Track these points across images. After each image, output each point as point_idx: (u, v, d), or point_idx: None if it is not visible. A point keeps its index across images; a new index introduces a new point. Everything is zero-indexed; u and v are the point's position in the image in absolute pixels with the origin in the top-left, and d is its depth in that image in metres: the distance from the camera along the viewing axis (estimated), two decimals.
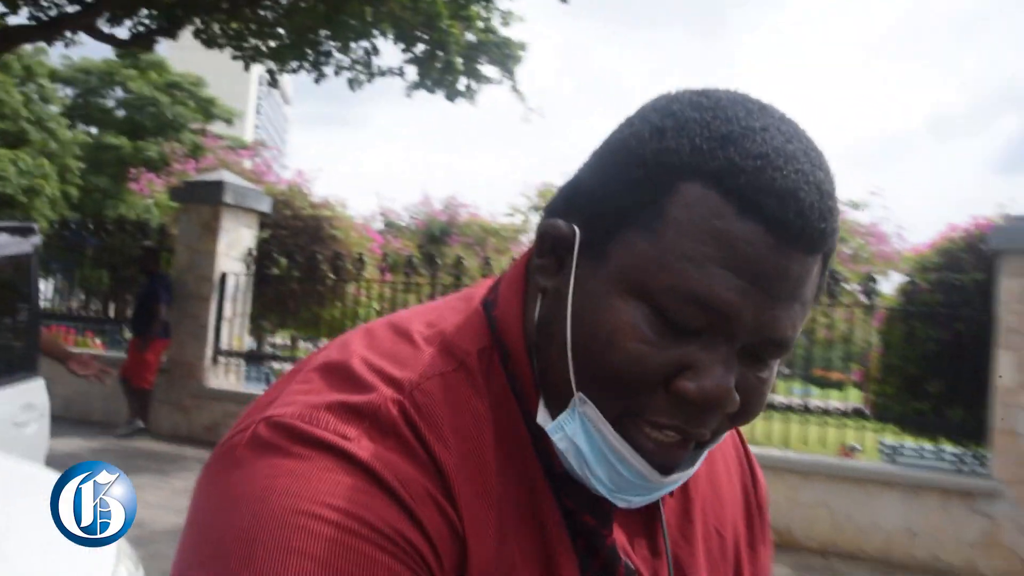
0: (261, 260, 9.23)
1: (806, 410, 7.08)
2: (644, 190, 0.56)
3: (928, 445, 7.27)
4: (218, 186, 8.61)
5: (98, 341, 11.43)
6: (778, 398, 7.71)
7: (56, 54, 31.47)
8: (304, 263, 9.46)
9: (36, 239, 3.98)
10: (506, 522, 0.58)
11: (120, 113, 30.23)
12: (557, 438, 0.59)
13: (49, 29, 9.01)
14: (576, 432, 0.58)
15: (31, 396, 3.58)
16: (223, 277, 8.64)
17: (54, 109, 27.53)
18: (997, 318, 6.30)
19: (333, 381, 0.58)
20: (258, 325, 10.50)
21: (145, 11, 9.20)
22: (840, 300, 7.53)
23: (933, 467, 6.92)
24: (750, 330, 0.55)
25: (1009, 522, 6.05)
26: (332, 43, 9.60)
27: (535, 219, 14.69)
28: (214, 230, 8.58)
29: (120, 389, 8.15)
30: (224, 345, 8.70)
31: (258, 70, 10.62)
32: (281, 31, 9.54)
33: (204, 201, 8.72)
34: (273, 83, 11.05)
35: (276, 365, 10.23)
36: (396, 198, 36.88)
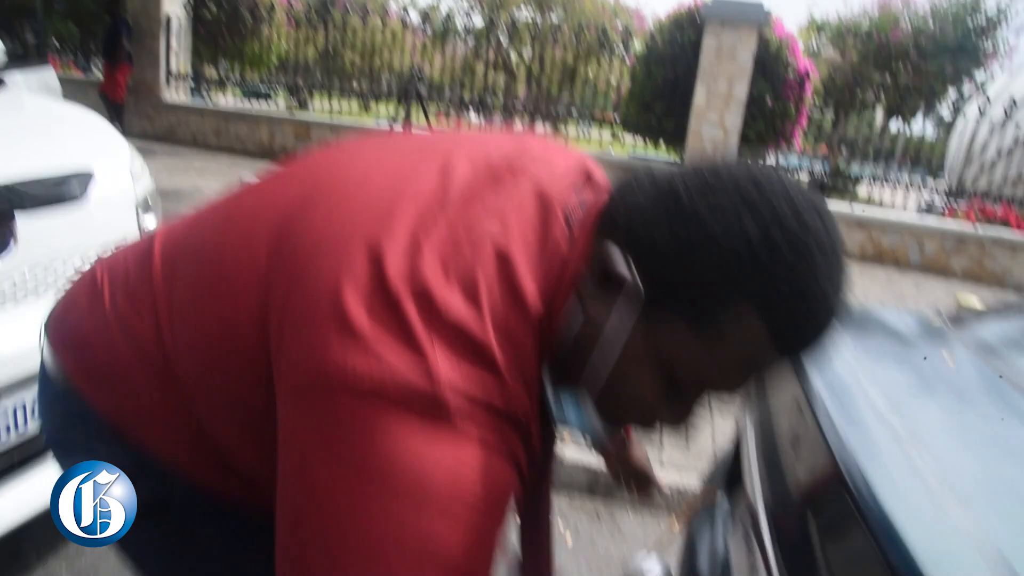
0: (197, 7, 9.64)
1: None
2: (711, 292, 0.54)
3: (652, 150, 8.84)
4: None
5: (78, 69, 11.41)
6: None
7: None
8: (229, 10, 10.22)
9: None
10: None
11: None
12: (552, 400, 0.63)
13: None
14: (569, 410, 0.63)
15: (47, 79, 3.99)
16: (168, 20, 9.09)
17: None
18: (699, 64, 7.58)
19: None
20: (197, 57, 10.72)
21: None
22: (609, 58, 8.95)
23: (654, 159, 8.42)
24: None
25: None
26: None
27: None
28: None
29: (101, 103, 8.24)
30: (173, 70, 9.36)
31: None
32: None
33: None
34: None
35: (213, 93, 10.49)
36: None
